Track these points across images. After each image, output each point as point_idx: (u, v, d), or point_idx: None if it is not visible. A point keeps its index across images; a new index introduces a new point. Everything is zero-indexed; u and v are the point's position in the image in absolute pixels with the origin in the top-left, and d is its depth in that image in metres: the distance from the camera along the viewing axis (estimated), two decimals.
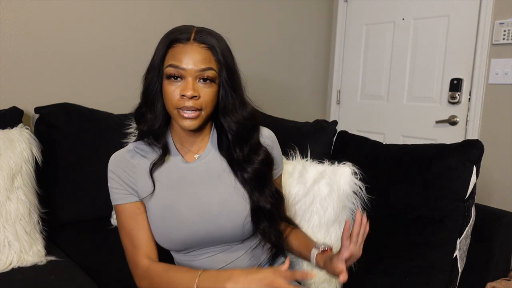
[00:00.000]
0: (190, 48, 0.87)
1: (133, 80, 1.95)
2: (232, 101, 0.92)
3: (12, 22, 1.59)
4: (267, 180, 0.98)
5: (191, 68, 0.86)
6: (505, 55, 1.99)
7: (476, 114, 2.12)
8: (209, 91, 0.89)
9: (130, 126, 1.65)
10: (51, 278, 1.15)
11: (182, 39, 0.88)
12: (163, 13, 2.00)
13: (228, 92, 0.92)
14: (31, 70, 1.66)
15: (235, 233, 0.94)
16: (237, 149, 0.95)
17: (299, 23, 2.59)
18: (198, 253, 0.97)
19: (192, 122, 0.89)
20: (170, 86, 0.88)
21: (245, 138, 0.96)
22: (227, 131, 0.94)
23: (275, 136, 1.07)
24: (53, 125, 1.55)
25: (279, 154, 1.08)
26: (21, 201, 1.25)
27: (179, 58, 0.87)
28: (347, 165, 1.26)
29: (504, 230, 1.21)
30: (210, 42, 0.89)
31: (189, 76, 0.87)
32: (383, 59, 2.51)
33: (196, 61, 0.87)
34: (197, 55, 0.87)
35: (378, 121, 2.56)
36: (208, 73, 0.88)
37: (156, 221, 0.94)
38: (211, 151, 0.99)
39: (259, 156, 0.96)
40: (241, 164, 0.95)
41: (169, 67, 0.88)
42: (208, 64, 0.88)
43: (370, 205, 1.23)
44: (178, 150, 0.98)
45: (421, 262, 1.15)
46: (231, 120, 0.93)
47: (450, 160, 1.20)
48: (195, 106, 0.87)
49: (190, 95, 0.86)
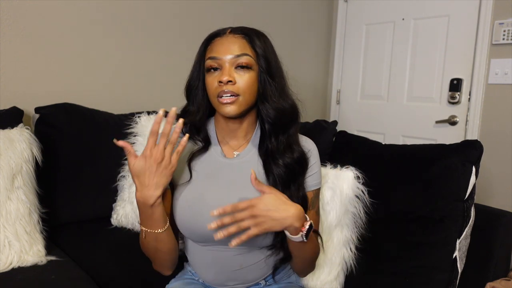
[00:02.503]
0: (226, 39, 0.92)
1: (133, 80, 1.96)
2: (270, 87, 0.93)
3: (12, 22, 1.59)
4: (296, 182, 0.95)
5: (226, 56, 0.90)
6: (505, 55, 1.99)
7: (476, 114, 2.12)
8: (246, 77, 0.91)
9: (130, 126, 1.65)
10: (51, 278, 1.15)
11: (219, 34, 0.94)
12: (163, 13, 2.00)
13: (266, 79, 0.93)
14: (31, 70, 1.66)
15: (255, 239, 0.92)
16: (272, 139, 0.95)
17: (299, 23, 2.59)
18: (215, 249, 0.96)
19: (230, 108, 0.90)
20: (210, 77, 0.92)
21: (282, 128, 0.95)
22: (265, 120, 0.94)
23: (317, 148, 1.04)
24: (53, 125, 1.55)
25: (317, 163, 1.02)
26: (21, 201, 1.25)
27: (216, 50, 0.91)
28: (350, 169, 1.25)
29: (504, 230, 1.21)
30: (246, 32, 0.93)
31: (225, 63, 0.90)
32: (383, 59, 2.51)
33: (231, 49, 0.90)
34: (231, 44, 0.91)
35: (378, 121, 2.56)
36: (243, 59, 0.90)
37: (182, 209, 0.94)
38: (251, 151, 0.99)
39: (293, 153, 0.95)
40: (274, 155, 0.94)
41: (208, 60, 0.92)
42: (243, 51, 0.91)
43: (372, 209, 1.24)
44: (219, 142, 1.00)
45: (421, 262, 1.15)
46: (270, 106, 0.93)
47: (449, 161, 1.20)
48: (232, 91, 0.89)
49: (225, 80, 0.88)
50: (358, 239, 1.23)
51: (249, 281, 1.00)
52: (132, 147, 0.85)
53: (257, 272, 0.99)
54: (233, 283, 0.99)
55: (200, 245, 0.98)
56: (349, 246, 1.22)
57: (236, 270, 0.97)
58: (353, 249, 1.22)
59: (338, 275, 1.21)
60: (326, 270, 1.20)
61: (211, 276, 1.00)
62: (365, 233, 1.23)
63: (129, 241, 1.45)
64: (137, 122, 1.65)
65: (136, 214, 1.52)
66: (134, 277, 1.23)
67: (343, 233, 1.21)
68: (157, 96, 2.03)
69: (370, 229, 1.23)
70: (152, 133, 0.84)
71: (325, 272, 1.20)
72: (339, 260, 1.21)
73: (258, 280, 1.01)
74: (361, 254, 1.23)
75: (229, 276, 0.98)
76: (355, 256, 1.23)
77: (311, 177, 1.00)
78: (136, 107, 1.84)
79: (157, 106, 1.87)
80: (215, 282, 1.00)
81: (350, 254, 1.22)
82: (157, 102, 1.98)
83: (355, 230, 1.23)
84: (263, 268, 0.99)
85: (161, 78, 2.04)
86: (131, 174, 0.86)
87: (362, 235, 1.24)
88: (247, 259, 0.97)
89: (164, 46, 2.03)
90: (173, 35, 2.05)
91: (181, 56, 2.04)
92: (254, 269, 0.98)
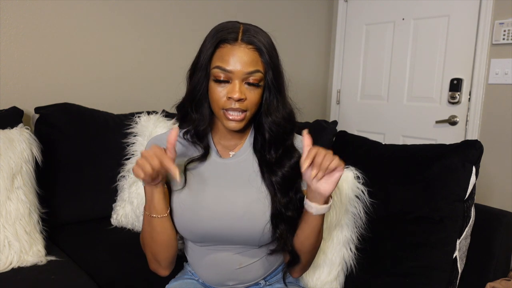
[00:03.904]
0: (238, 50, 0.86)
1: (133, 80, 1.96)
2: (276, 102, 0.92)
3: (12, 22, 1.59)
4: (294, 187, 0.95)
5: (238, 71, 0.85)
6: (505, 55, 1.99)
7: (476, 114, 2.12)
8: (255, 93, 0.89)
9: (130, 126, 1.65)
10: (51, 278, 1.15)
11: (229, 39, 0.87)
12: (163, 14, 2.00)
13: (273, 93, 0.91)
14: (31, 70, 1.66)
15: (254, 238, 0.93)
16: (272, 151, 0.94)
17: (299, 23, 2.59)
18: (214, 248, 0.97)
19: (237, 124, 0.89)
20: (217, 87, 0.87)
21: (282, 139, 0.94)
22: (266, 131, 0.93)
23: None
24: (53, 125, 1.55)
25: None
26: (21, 201, 1.25)
27: (227, 60, 0.86)
28: (350, 169, 1.25)
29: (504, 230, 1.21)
30: (258, 43, 0.88)
31: (236, 78, 0.86)
32: (383, 59, 2.51)
33: (244, 64, 0.86)
34: (244, 57, 0.86)
35: (378, 121, 2.56)
36: (255, 76, 0.87)
37: (179, 210, 0.94)
38: (246, 150, 0.98)
39: (291, 160, 0.94)
40: (272, 167, 0.93)
41: (216, 68, 0.87)
42: (255, 67, 0.87)
43: (372, 209, 1.24)
44: (215, 145, 0.99)
45: (421, 262, 1.15)
46: (272, 120, 0.92)
47: (449, 161, 1.20)
48: (241, 108, 0.87)
49: (237, 98, 0.85)
50: (358, 239, 1.24)
51: (249, 280, 1.00)
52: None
53: (257, 271, 0.99)
54: (233, 283, 0.99)
55: (199, 245, 0.98)
56: (349, 246, 1.22)
57: (235, 269, 0.97)
58: (353, 249, 1.23)
59: (338, 275, 1.21)
60: (326, 270, 1.20)
61: (211, 276, 1.00)
62: (365, 233, 1.24)
63: (129, 241, 1.45)
64: (137, 122, 1.65)
65: (136, 214, 1.52)
66: (134, 277, 1.23)
67: (343, 233, 1.21)
68: (157, 96, 2.03)
69: (370, 229, 1.24)
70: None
71: (325, 272, 1.20)
72: (339, 260, 1.21)
73: (258, 280, 1.01)
74: (361, 254, 1.23)
75: (229, 275, 0.98)
76: (355, 256, 1.23)
77: None
78: (136, 107, 1.85)
79: (157, 106, 1.87)
80: (215, 282, 1.00)
81: (350, 254, 1.22)
82: (157, 102, 1.98)
83: (355, 230, 1.23)
84: (262, 267, 0.99)
85: (161, 78, 2.04)
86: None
87: (362, 235, 1.24)
88: (246, 258, 0.97)
89: (164, 46, 2.03)
90: (173, 35, 2.05)
91: (181, 56, 2.04)
92: (254, 268, 0.98)
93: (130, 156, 1.61)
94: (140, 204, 1.51)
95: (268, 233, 0.93)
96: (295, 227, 0.95)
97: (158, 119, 1.65)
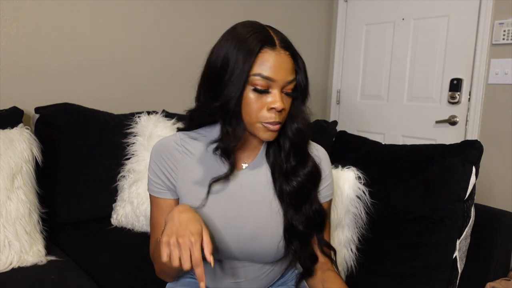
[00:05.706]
0: (279, 56, 0.80)
1: (133, 80, 1.96)
2: (302, 109, 0.88)
3: (12, 22, 1.59)
4: (308, 198, 0.91)
5: (281, 79, 0.80)
6: (505, 55, 1.99)
7: (476, 114, 2.12)
8: (289, 102, 0.85)
9: (130, 126, 1.65)
10: (51, 278, 1.15)
11: (269, 44, 0.79)
12: (162, 14, 2.00)
13: (301, 100, 0.87)
14: (31, 70, 1.66)
15: (266, 258, 0.91)
16: (290, 158, 0.89)
17: (299, 23, 2.59)
18: (220, 259, 0.94)
19: (273, 134, 0.84)
20: (256, 98, 0.80)
21: (302, 147, 0.90)
22: (288, 139, 0.88)
23: (328, 156, 1.00)
24: (53, 125, 1.55)
25: (330, 173, 0.98)
26: (21, 201, 1.25)
27: (270, 68, 0.78)
28: (351, 169, 1.25)
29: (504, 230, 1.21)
30: (292, 49, 0.83)
31: (276, 87, 0.80)
32: (383, 59, 2.51)
33: (286, 72, 0.80)
34: (285, 63, 0.80)
35: (378, 121, 2.56)
36: (292, 85, 0.83)
37: None
38: (260, 160, 0.93)
39: (305, 169, 0.89)
40: (287, 175, 0.89)
41: (258, 76, 0.78)
42: (293, 75, 0.83)
43: (372, 209, 1.24)
44: None
45: (421, 262, 1.15)
46: (298, 127, 0.87)
47: (449, 161, 1.20)
48: (280, 120, 0.82)
49: (279, 108, 0.80)
50: (359, 239, 1.24)
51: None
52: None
53: (261, 282, 0.97)
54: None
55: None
56: (350, 246, 1.22)
57: (239, 282, 0.95)
58: (353, 249, 1.22)
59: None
60: None
61: (213, 282, 0.98)
62: (366, 233, 1.24)
63: (129, 241, 1.46)
64: (137, 122, 1.65)
65: (136, 214, 1.52)
66: (134, 277, 1.23)
67: (344, 233, 1.21)
68: (157, 96, 2.03)
69: (370, 229, 1.23)
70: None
71: None
72: (340, 260, 1.21)
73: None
74: (362, 255, 1.23)
75: (231, 286, 0.96)
76: (356, 256, 1.23)
77: (325, 189, 0.97)
78: (136, 107, 1.85)
79: (157, 106, 1.87)
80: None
81: (350, 255, 1.22)
82: (157, 102, 1.98)
83: (355, 230, 1.23)
84: (266, 278, 0.97)
85: (161, 78, 2.04)
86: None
87: (363, 235, 1.24)
88: (252, 272, 0.95)
89: (164, 46, 2.03)
90: (173, 35, 2.05)
91: (181, 56, 2.04)
92: (258, 281, 0.96)
93: (130, 156, 1.61)
94: (140, 204, 1.51)
95: (282, 249, 0.90)
96: (308, 240, 0.92)
97: (158, 119, 1.65)
